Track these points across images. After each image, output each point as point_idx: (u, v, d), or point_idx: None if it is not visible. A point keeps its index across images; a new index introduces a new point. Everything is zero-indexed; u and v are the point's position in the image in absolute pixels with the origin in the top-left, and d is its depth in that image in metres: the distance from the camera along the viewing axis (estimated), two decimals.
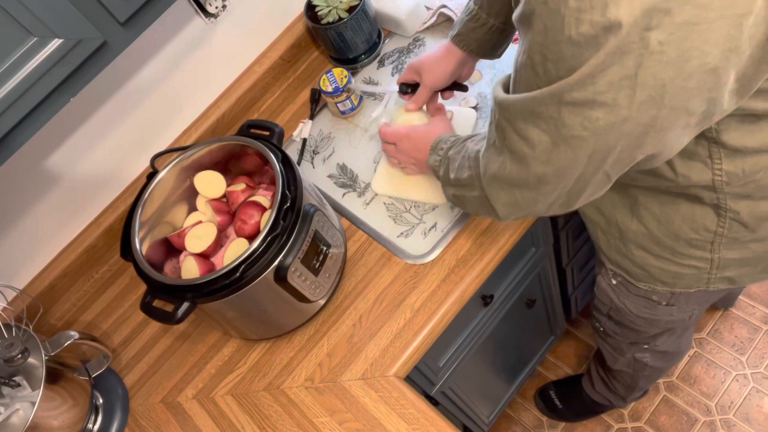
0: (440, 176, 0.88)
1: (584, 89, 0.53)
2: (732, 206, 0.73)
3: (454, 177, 0.83)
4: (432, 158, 0.90)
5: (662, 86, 0.51)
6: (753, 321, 1.66)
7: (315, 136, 1.23)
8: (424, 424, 0.88)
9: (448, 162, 0.85)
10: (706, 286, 0.87)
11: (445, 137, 0.91)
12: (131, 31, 0.77)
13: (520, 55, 0.60)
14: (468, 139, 0.86)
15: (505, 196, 0.72)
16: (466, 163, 0.80)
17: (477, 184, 0.77)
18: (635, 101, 0.53)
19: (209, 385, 1.04)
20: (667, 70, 0.50)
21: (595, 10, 0.49)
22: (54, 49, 0.69)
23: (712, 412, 1.58)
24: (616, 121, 0.55)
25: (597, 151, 0.59)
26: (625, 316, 1.07)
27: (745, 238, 0.77)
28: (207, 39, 1.19)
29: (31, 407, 0.90)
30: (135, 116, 1.16)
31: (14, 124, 0.72)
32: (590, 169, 0.62)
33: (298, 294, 0.93)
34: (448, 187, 0.86)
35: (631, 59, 0.50)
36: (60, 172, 1.12)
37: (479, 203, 0.78)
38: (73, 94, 0.76)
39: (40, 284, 1.19)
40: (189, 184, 1.02)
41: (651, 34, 0.48)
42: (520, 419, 1.72)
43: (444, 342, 1.08)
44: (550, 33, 0.53)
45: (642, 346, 1.19)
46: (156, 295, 0.89)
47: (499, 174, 0.70)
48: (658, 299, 0.96)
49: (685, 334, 1.22)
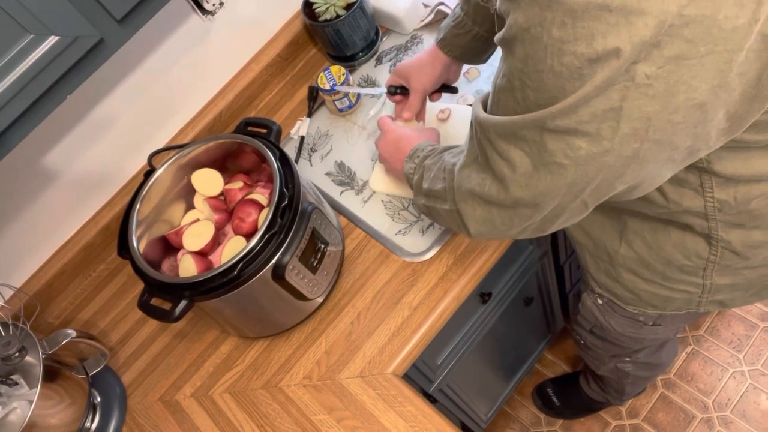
0: (413, 184, 0.86)
1: (567, 118, 0.52)
2: (723, 236, 0.72)
3: (427, 187, 0.81)
4: (407, 165, 0.88)
5: (647, 119, 0.50)
6: (750, 318, 1.66)
7: (313, 133, 1.23)
8: (422, 421, 0.88)
9: (423, 171, 0.83)
10: (696, 308, 0.86)
11: (423, 145, 0.89)
12: (128, 28, 0.76)
13: (499, 76, 0.59)
14: (446, 151, 0.84)
15: (480, 212, 0.70)
16: (441, 174, 0.78)
17: (450, 197, 0.75)
18: (618, 133, 0.52)
19: (207, 383, 1.04)
20: (652, 104, 0.49)
21: (579, 42, 0.48)
22: (50, 46, 0.68)
23: (710, 409, 1.58)
24: (598, 152, 0.54)
25: (576, 182, 0.58)
26: (609, 334, 1.07)
27: (737, 265, 0.76)
28: (204, 36, 1.18)
29: (29, 405, 0.90)
30: (132, 114, 1.16)
31: (10, 122, 0.71)
32: (568, 197, 0.61)
33: (296, 292, 0.93)
34: (419, 196, 0.84)
35: (616, 92, 0.49)
36: (57, 170, 1.12)
37: (450, 217, 0.77)
38: (70, 92, 0.76)
39: (38, 282, 1.19)
40: (186, 182, 1.02)
41: (638, 67, 0.47)
42: (518, 417, 1.72)
43: (442, 340, 1.08)
44: (530, 61, 0.52)
45: (624, 358, 1.20)
46: (153, 294, 0.89)
47: (477, 191, 0.68)
48: (645, 320, 0.96)
49: (665, 347, 1.22)
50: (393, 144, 0.96)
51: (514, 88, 0.56)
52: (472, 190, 0.69)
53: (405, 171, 0.88)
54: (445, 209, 0.77)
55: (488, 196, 0.67)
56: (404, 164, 0.89)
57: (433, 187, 0.79)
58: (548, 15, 0.49)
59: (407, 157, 0.89)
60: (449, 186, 0.75)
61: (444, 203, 0.76)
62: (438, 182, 0.78)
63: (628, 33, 0.46)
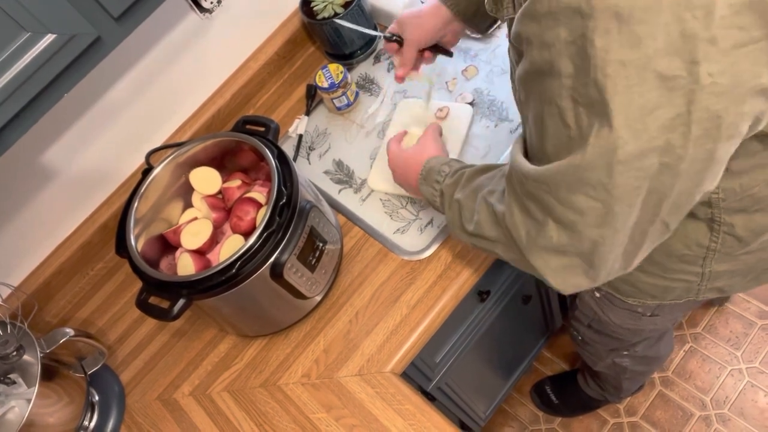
0: (447, 217, 0.81)
1: (636, 139, 0.49)
2: (727, 219, 0.72)
3: (475, 230, 0.75)
4: (426, 190, 0.85)
5: (717, 118, 0.49)
6: (748, 316, 1.66)
7: (311, 132, 1.23)
8: (420, 419, 0.88)
9: (458, 207, 0.78)
10: (695, 296, 0.86)
11: (436, 166, 0.85)
12: (125, 26, 0.76)
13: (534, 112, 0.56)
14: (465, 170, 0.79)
15: (555, 263, 0.64)
16: (488, 218, 0.72)
17: (514, 247, 0.68)
18: (690, 139, 0.50)
19: (206, 381, 1.04)
20: (721, 101, 0.48)
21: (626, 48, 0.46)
22: (47, 44, 0.68)
23: (708, 407, 1.58)
24: (671, 162, 0.51)
25: (651, 194, 0.54)
26: (608, 327, 1.06)
27: (736, 252, 0.76)
28: (202, 34, 1.18)
29: (27, 404, 0.89)
30: (130, 112, 1.16)
31: (7, 120, 0.71)
32: (646, 217, 0.57)
33: (295, 290, 0.93)
34: (463, 234, 0.78)
35: (680, 96, 0.47)
36: (55, 168, 1.12)
37: (519, 263, 0.71)
38: (67, 90, 0.75)
39: (35, 281, 1.18)
40: (184, 181, 1.02)
41: (700, 67, 0.46)
42: (517, 414, 1.72)
43: (440, 338, 1.08)
44: (580, 74, 0.49)
45: (622, 352, 1.20)
46: (151, 292, 0.89)
47: (547, 245, 0.63)
48: (643, 311, 0.96)
49: (662, 339, 1.23)
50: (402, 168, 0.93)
51: (563, 110, 0.52)
52: (539, 244, 0.64)
53: (425, 195, 0.85)
54: (511, 257, 0.72)
55: (558, 245, 0.62)
56: (420, 186, 0.86)
57: (484, 233, 0.73)
58: (590, 24, 0.47)
59: (422, 178, 0.86)
60: (507, 238, 0.69)
61: (507, 252, 0.71)
62: (487, 227, 0.72)
63: None
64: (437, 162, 0.86)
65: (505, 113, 1.11)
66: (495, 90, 1.14)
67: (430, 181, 0.84)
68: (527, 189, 0.61)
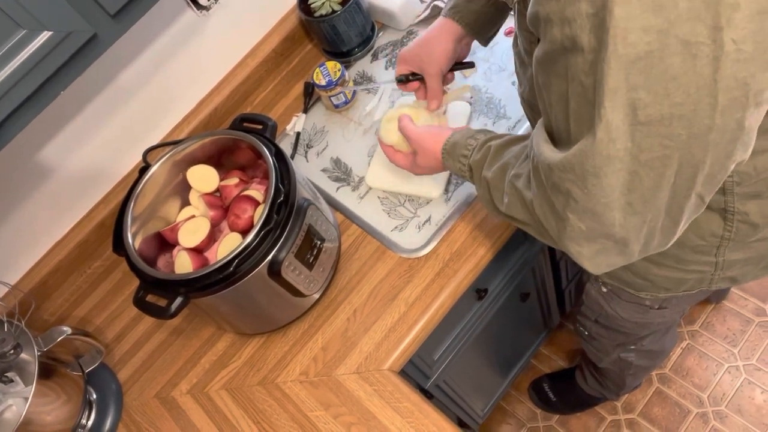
0: (479, 194, 0.80)
1: (659, 104, 0.48)
2: (740, 208, 0.72)
3: (506, 211, 0.74)
4: (452, 164, 0.83)
5: (744, 85, 0.48)
6: (745, 313, 1.67)
7: (308, 129, 1.23)
8: (418, 417, 0.88)
9: (488, 186, 0.77)
10: (708, 286, 0.86)
11: (461, 140, 0.83)
12: (121, 23, 0.76)
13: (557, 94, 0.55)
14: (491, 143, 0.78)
15: (588, 249, 0.63)
16: (518, 203, 0.71)
17: (546, 235, 0.68)
18: (718, 108, 0.49)
19: (203, 379, 1.04)
20: (747, 67, 0.47)
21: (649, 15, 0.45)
22: (43, 41, 0.68)
23: (705, 404, 1.59)
24: (699, 132, 0.50)
25: (684, 166, 0.53)
26: (615, 322, 1.06)
27: (750, 239, 0.76)
28: (199, 32, 1.18)
29: (24, 403, 0.89)
30: (127, 110, 1.15)
31: (3, 118, 0.71)
32: (681, 191, 0.56)
33: (292, 288, 0.92)
34: (495, 212, 0.78)
35: (705, 65, 0.46)
36: (51, 166, 1.11)
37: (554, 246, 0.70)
38: (63, 87, 0.75)
39: (32, 279, 1.18)
40: (182, 179, 1.02)
41: (723, 34, 0.45)
42: (515, 412, 1.72)
43: (438, 335, 1.08)
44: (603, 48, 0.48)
45: (629, 347, 1.19)
46: (149, 290, 0.89)
47: (576, 235, 0.62)
48: (651, 304, 0.95)
49: (669, 332, 1.23)
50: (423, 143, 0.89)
51: (586, 87, 0.51)
52: (568, 235, 0.62)
53: (453, 171, 0.84)
54: (545, 240, 0.71)
55: (588, 233, 0.60)
56: (444, 161, 0.84)
57: (516, 216, 0.73)
58: None
59: (445, 153, 0.84)
60: (538, 222, 0.68)
61: (540, 235, 0.71)
62: (519, 211, 0.71)
63: None
64: (462, 135, 0.83)
65: (502, 110, 1.11)
66: (493, 87, 1.14)
67: (456, 156, 0.82)
68: (553, 181, 0.60)
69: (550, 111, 0.60)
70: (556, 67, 0.54)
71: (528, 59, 0.74)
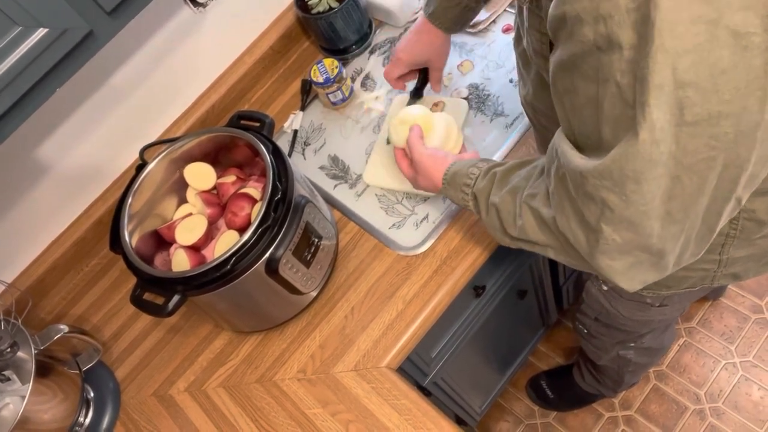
0: (486, 222, 0.78)
1: (707, 101, 0.46)
2: (747, 206, 0.70)
3: (519, 235, 0.72)
4: (454, 195, 0.82)
5: None
6: (742, 310, 1.67)
7: (306, 127, 1.23)
8: (416, 414, 0.88)
9: (497, 212, 0.74)
10: (710, 283, 0.86)
11: (462, 169, 0.81)
12: (118, 20, 0.75)
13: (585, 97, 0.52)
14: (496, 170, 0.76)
15: (620, 264, 0.60)
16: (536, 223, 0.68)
17: (572, 252, 0.65)
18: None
19: (201, 377, 1.04)
20: None
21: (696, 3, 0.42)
22: (39, 38, 0.67)
23: (702, 401, 1.59)
24: (747, 129, 0.47)
25: (728, 167, 0.50)
26: (616, 320, 1.06)
27: (754, 236, 0.75)
28: (196, 29, 1.17)
29: (21, 401, 0.89)
30: (123, 107, 1.15)
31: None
32: (722, 194, 0.53)
33: (290, 286, 0.92)
34: (506, 238, 0.76)
35: (756, 56, 0.44)
36: (48, 164, 1.11)
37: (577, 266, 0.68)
38: (60, 85, 0.75)
39: (29, 278, 1.18)
40: (179, 176, 1.01)
41: None
42: (512, 409, 1.73)
43: (436, 333, 1.08)
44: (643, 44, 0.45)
45: (628, 344, 1.20)
46: (146, 288, 0.89)
47: (610, 249, 0.59)
48: (652, 301, 0.95)
49: (668, 330, 1.23)
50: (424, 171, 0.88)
51: (623, 88, 0.48)
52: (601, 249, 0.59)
53: (456, 202, 0.83)
54: (566, 260, 0.68)
55: (623, 246, 0.58)
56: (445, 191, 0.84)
57: (532, 238, 0.70)
58: None
59: (446, 181, 0.83)
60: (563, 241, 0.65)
61: (562, 255, 0.68)
62: (537, 233, 0.68)
63: None
64: (463, 165, 0.82)
65: (500, 108, 1.10)
66: (490, 85, 1.13)
67: (457, 185, 0.81)
68: (586, 190, 0.56)
69: (572, 117, 0.57)
70: (583, 69, 0.51)
71: (536, 59, 0.72)
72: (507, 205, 0.73)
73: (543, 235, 0.68)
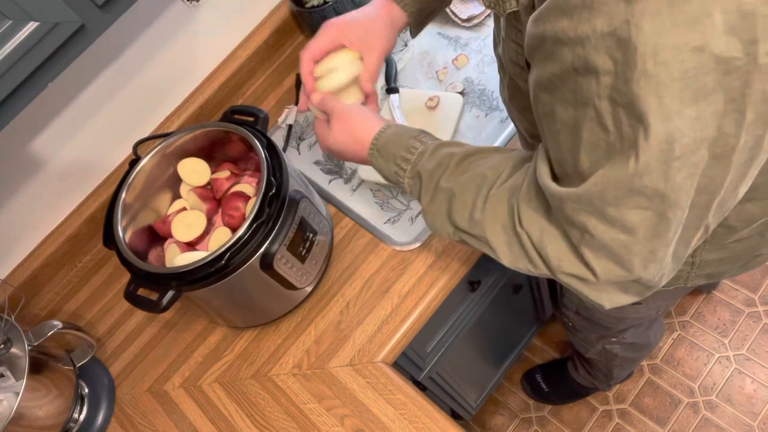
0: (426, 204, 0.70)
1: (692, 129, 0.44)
2: None
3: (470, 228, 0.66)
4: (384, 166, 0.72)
5: None
6: (735, 304, 1.68)
7: (301, 122, 1.22)
8: (411, 409, 0.88)
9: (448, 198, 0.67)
10: (684, 283, 0.86)
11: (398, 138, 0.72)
12: (110, 14, 0.75)
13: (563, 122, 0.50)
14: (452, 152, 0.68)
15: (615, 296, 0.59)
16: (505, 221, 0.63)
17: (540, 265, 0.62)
18: (744, 125, 0.45)
19: (196, 373, 1.04)
20: None
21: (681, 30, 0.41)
22: (30, 32, 0.67)
23: (696, 394, 1.60)
24: (723, 152, 0.46)
25: (701, 194, 0.49)
26: (594, 314, 1.07)
27: (726, 240, 0.75)
28: (189, 23, 1.17)
29: (15, 397, 0.89)
30: (116, 102, 1.14)
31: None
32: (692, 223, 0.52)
33: (285, 281, 0.92)
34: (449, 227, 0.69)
35: (736, 79, 0.43)
36: (41, 159, 1.10)
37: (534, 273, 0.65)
38: (51, 79, 0.74)
39: (22, 274, 1.17)
40: (172, 172, 1.01)
41: (758, 46, 0.41)
42: (507, 403, 1.73)
43: (431, 327, 1.08)
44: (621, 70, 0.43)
45: (610, 339, 1.20)
46: (140, 284, 0.89)
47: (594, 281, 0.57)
48: None
49: (653, 327, 1.23)
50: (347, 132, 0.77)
51: (601, 113, 0.46)
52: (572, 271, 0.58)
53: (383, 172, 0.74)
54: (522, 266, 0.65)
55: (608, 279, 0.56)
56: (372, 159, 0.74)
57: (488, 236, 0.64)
58: (637, 7, 0.42)
59: (374, 150, 0.73)
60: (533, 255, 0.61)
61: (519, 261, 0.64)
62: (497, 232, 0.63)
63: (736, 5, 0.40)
64: (400, 133, 0.73)
65: (495, 103, 1.10)
66: (485, 79, 1.13)
67: (391, 156, 0.72)
68: (566, 214, 0.54)
69: (550, 142, 0.55)
70: (562, 92, 0.49)
71: (511, 67, 0.70)
72: (465, 194, 0.66)
73: (503, 236, 0.63)
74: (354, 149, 0.77)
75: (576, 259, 0.57)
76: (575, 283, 0.59)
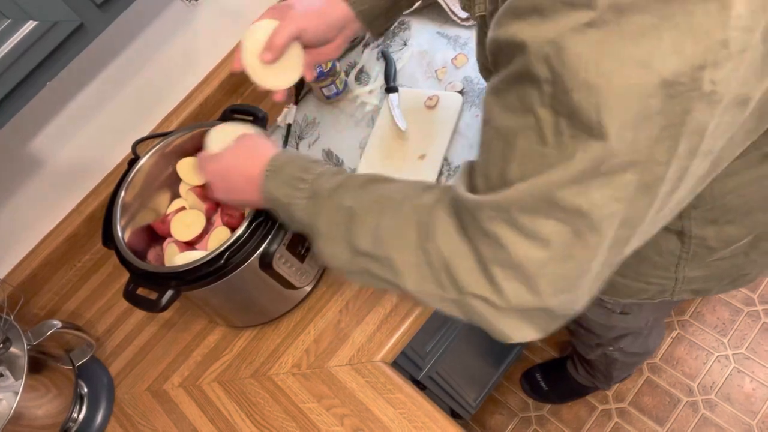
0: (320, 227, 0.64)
1: (623, 152, 0.42)
2: (697, 233, 0.70)
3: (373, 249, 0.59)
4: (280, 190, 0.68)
5: (702, 131, 0.42)
6: (735, 303, 1.68)
7: (300, 121, 1.22)
8: (411, 408, 0.88)
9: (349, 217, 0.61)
10: (671, 297, 0.86)
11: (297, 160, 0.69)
12: (108, 13, 0.75)
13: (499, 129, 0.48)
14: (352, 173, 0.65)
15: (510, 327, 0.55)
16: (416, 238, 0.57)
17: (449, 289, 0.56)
18: (675, 154, 0.43)
19: (195, 372, 1.04)
20: (713, 113, 0.41)
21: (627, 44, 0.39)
22: (28, 31, 0.67)
23: (695, 393, 1.60)
24: (651, 181, 0.44)
25: (624, 226, 0.46)
26: (585, 321, 1.07)
27: (708, 258, 0.75)
28: (188, 22, 1.16)
29: (14, 397, 0.89)
30: (115, 101, 1.14)
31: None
32: (614, 252, 0.49)
33: (284, 281, 0.92)
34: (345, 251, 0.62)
35: (678, 104, 0.40)
36: (40, 159, 1.10)
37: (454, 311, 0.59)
38: (50, 78, 0.74)
39: (21, 273, 1.17)
40: (172, 171, 1.01)
41: (705, 72, 0.39)
42: (507, 402, 1.74)
43: (431, 327, 1.08)
44: (559, 81, 0.41)
45: (607, 348, 1.20)
46: (139, 283, 0.88)
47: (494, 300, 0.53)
48: (612, 307, 0.95)
49: (651, 336, 1.23)
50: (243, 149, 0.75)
51: (542, 123, 0.44)
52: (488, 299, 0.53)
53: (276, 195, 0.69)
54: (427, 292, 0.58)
55: (516, 302, 0.51)
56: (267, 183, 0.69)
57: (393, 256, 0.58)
58: (583, 16, 0.40)
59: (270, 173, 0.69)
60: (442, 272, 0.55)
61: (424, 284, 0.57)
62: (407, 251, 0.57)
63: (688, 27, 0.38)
64: (298, 156, 0.70)
65: None
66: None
67: (288, 177, 0.68)
68: (480, 223, 0.50)
69: (482, 150, 0.52)
70: (507, 98, 0.47)
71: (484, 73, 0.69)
72: (368, 214, 0.60)
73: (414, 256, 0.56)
74: (245, 165, 0.72)
75: (485, 278, 0.52)
76: (481, 306, 0.54)
